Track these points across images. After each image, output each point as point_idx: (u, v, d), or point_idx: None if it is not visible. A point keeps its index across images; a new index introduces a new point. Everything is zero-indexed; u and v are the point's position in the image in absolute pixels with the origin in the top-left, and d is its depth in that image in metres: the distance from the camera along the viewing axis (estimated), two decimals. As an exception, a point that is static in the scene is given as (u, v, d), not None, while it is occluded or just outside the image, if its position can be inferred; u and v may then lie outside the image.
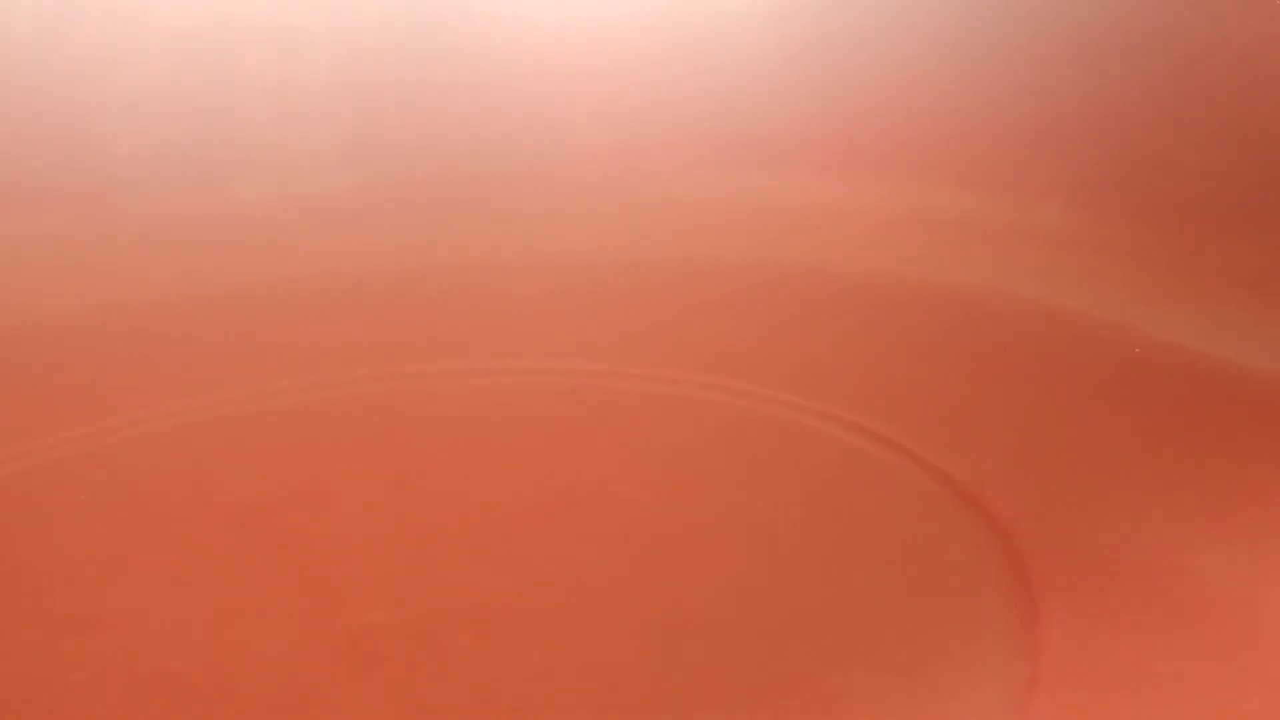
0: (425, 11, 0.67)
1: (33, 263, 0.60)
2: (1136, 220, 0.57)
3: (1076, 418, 0.50)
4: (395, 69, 0.67)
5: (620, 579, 0.42)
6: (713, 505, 0.46)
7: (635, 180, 0.64)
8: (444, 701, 0.38)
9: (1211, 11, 0.57)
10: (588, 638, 0.40)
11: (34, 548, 0.45)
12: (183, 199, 0.64)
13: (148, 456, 0.49)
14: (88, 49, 0.64)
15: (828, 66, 0.64)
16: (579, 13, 0.66)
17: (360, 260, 0.61)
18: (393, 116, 0.67)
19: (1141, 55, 0.58)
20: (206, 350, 0.56)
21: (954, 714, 0.37)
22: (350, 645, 0.40)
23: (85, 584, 0.43)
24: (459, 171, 0.65)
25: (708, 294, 0.59)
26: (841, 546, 0.44)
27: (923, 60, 0.63)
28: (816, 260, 0.59)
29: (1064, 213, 0.58)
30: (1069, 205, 0.58)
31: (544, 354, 0.55)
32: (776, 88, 0.64)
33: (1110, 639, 0.39)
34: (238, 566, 0.43)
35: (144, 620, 0.41)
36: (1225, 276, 0.55)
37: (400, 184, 0.65)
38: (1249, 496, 0.45)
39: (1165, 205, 0.57)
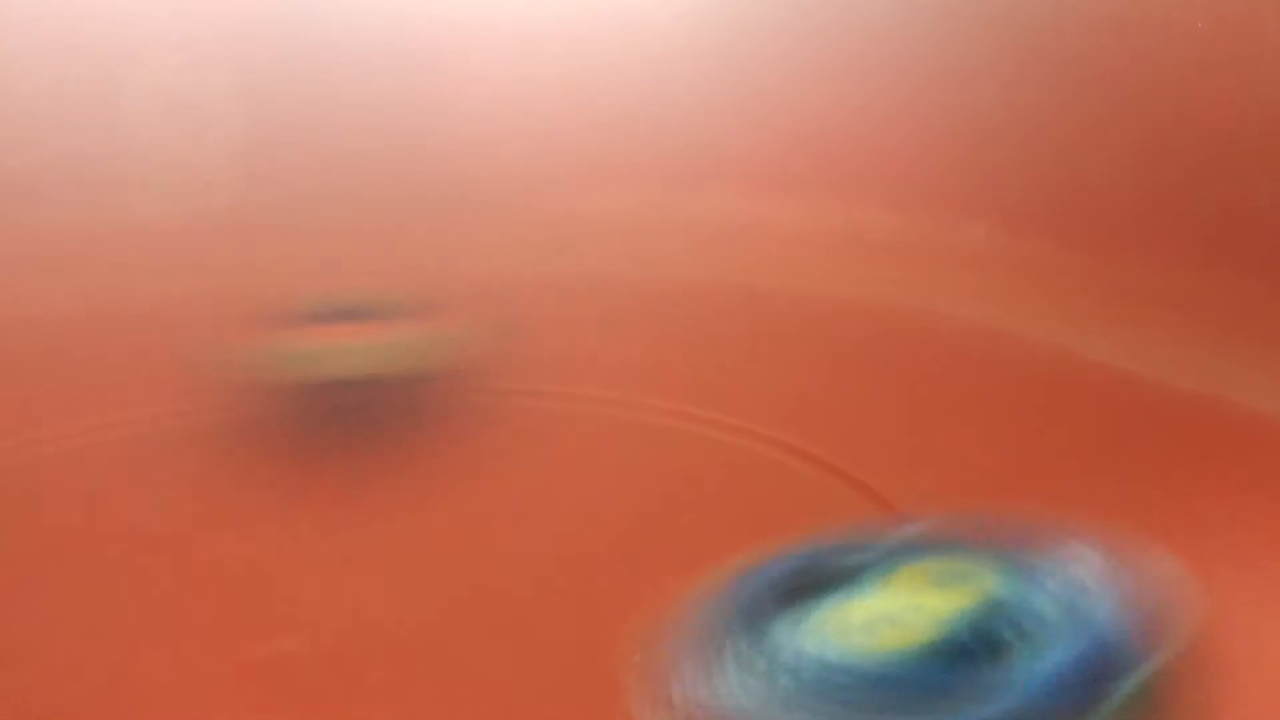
0: (331, 20, 0.66)
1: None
2: (1062, 241, 0.58)
3: (1005, 438, 0.50)
4: (298, 81, 0.66)
5: (547, 608, 0.41)
6: (644, 528, 0.45)
7: (557, 197, 0.64)
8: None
9: (1135, 34, 0.58)
10: (512, 670, 0.38)
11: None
12: (75, 212, 0.63)
13: (39, 480, 0.48)
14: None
15: (755, 86, 0.64)
16: (498, 24, 0.66)
17: (262, 279, 0.60)
18: (294, 130, 0.66)
19: (1066, 77, 0.59)
20: (101, 369, 0.54)
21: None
22: (261, 674, 0.38)
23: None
24: (369, 187, 0.64)
25: (632, 312, 0.58)
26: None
27: (852, 80, 0.63)
28: (744, 279, 0.59)
29: (991, 233, 0.59)
30: (996, 226, 0.59)
31: (464, 374, 0.54)
32: (701, 105, 0.64)
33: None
34: (138, 593, 0.41)
35: (39, 653, 0.39)
36: (1151, 297, 0.55)
37: (303, 200, 0.64)
38: (1175, 516, 0.45)
39: (1091, 226, 0.58)
